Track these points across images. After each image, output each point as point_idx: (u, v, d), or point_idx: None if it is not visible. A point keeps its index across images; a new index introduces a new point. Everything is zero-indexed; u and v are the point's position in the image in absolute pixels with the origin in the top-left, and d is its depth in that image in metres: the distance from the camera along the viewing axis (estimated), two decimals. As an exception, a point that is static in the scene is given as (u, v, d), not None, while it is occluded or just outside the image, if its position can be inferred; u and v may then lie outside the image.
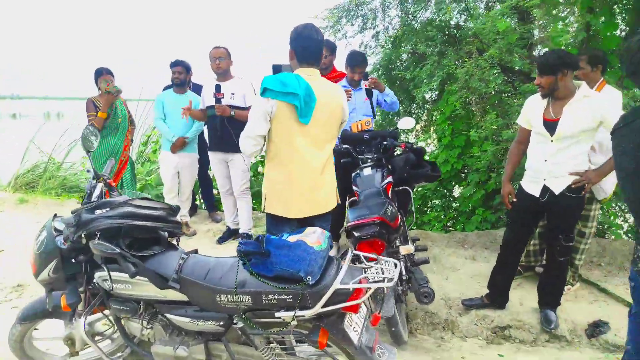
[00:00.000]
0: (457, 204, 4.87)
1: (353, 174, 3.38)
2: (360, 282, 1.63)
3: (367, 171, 3.22)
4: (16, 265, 4.04)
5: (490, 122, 3.68)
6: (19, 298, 3.50)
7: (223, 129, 3.99)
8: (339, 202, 2.58)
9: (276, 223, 2.30)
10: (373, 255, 1.74)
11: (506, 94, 3.84)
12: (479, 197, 4.27)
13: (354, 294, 1.64)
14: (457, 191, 5.03)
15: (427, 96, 5.88)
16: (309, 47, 2.22)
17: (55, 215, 2.07)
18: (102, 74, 4.26)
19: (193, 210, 5.16)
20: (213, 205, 5.16)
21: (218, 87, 3.95)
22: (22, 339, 2.29)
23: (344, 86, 3.73)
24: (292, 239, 1.79)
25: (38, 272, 1.98)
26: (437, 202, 5.04)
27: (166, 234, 2.02)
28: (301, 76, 2.17)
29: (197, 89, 4.55)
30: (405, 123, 3.30)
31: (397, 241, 2.70)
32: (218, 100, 3.94)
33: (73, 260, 1.97)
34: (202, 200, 5.48)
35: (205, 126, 4.49)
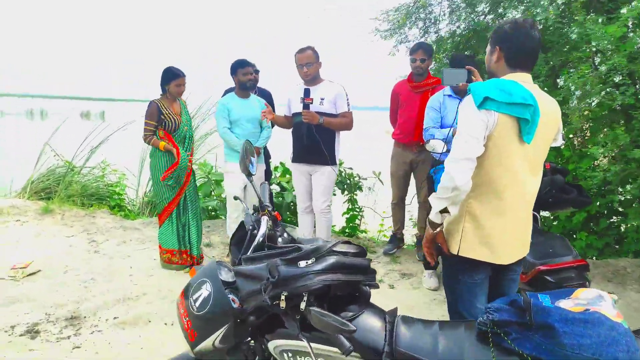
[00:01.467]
0: (545, 226, 4.45)
1: None
2: None
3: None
4: (60, 290, 3.48)
5: (613, 138, 3.27)
6: (77, 335, 2.93)
7: (310, 138, 3.52)
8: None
9: (468, 270, 1.81)
10: None
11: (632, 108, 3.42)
12: (580, 220, 3.86)
13: None
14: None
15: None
16: (527, 47, 1.75)
17: (219, 263, 1.54)
18: (178, 77, 3.65)
19: None
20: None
21: (307, 92, 3.47)
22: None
23: (450, 95, 3.27)
24: (571, 306, 1.31)
25: (198, 342, 1.44)
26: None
27: (367, 288, 1.52)
28: (519, 83, 1.70)
29: (263, 94, 4.06)
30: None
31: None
32: (306, 106, 3.45)
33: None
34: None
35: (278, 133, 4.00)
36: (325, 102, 3.54)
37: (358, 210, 5.35)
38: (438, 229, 1.81)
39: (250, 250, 1.59)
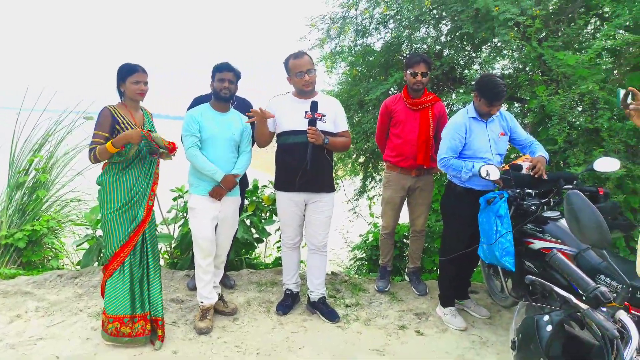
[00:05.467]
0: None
1: (531, 224, 2.78)
2: None
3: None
4: None
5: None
6: None
7: (315, 161, 2.91)
8: None
9: None
10: None
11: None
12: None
13: None
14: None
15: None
16: None
17: None
18: (134, 71, 2.59)
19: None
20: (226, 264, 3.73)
21: (315, 105, 2.85)
22: None
23: (475, 118, 2.99)
24: None
25: None
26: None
27: None
28: None
29: (243, 106, 3.23)
30: (606, 164, 2.72)
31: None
32: (313, 122, 2.83)
33: None
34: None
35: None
36: (327, 119, 2.97)
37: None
38: None
39: None
